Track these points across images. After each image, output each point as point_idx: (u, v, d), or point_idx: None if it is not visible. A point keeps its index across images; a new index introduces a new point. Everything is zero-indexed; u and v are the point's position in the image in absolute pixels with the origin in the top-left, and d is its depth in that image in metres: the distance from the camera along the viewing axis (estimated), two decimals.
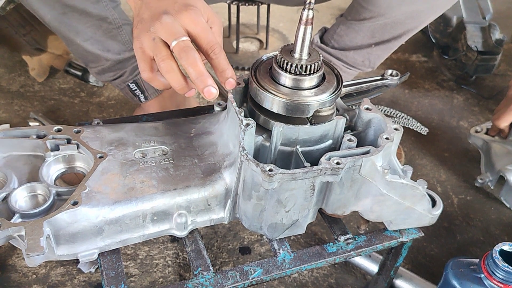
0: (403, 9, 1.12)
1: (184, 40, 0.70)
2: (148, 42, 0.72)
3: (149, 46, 0.72)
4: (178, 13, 0.72)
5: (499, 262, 0.79)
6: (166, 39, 0.71)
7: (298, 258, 0.78)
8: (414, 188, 0.76)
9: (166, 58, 0.70)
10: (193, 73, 0.70)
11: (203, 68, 0.70)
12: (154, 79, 0.76)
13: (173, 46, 0.70)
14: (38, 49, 1.52)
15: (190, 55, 0.69)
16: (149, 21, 0.72)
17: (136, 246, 1.09)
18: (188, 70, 0.70)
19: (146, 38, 0.72)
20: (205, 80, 0.69)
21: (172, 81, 0.71)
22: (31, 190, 0.73)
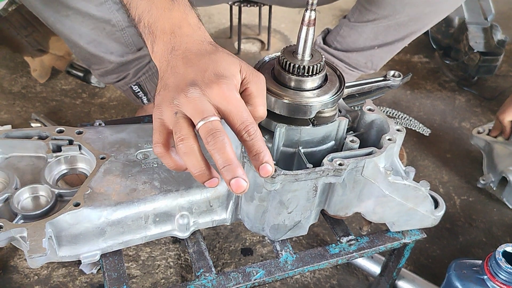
0: (407, 11, 1.11)
1: (212, 121, 0.60)
2: (169, 115, 0.62)
3: (170, 119, 0.62)
4: (207, 86, 0.61)
5: (502, 263, 0.79)
6: (192, 116, 0.61)
7: (301, 260, 0.77)
8: (417, 189, 0.76)
9: (187, 138, 0.60)
10: (220, 160, 0.58)
11: (233, 156, 0.59)
12: (166, 157, 0.64)
13: (199, 126, 0.60)
14: (40, 50, 1.52)
15: (218, 139, 0.59)
16: (173, 91, 0.62)
17: (138, 247, 1.09)
18: (214, 157, 0.59)
19: (167, 110, 0.62)
20: (234, 170, 0.58)
21: (190, 165, 0.60)
22: (33, 192, 0.73)
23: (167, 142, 0.63)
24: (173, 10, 0.69)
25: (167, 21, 0.68)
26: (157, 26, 0.68)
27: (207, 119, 0.59)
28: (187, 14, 0.70)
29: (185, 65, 0.64)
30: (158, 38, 0.68)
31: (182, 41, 0.67)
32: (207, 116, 0.60)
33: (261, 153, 0.60)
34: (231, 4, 1.65)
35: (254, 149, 0.61)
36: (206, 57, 0.65)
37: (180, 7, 0.70)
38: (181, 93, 0.61)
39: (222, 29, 1.97)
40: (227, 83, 0.62)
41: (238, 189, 0.58)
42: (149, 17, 0.69)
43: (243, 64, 0.66)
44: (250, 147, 0.61)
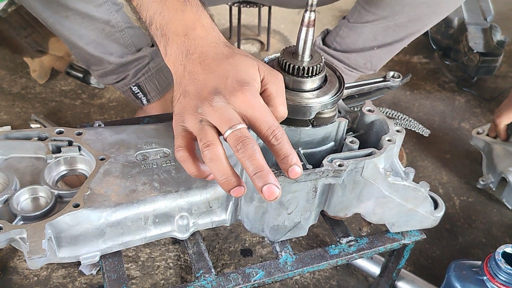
0: (406, 12, 1.12)
1: (240, 128, 0.59)
2: (193, 123, 0.61)
3: (194, 127, 0.62)
4: (232, 94, 0.61)
5: (501, 264, 0.79)
6: (218, 125, 0.60)
7: (300, 261, 0.77)
8: (416, 190, 0.76)
9: (213, 144, 0.59)
10: (251, 167, 0.58)
11: (264, 162, 0.59)
12: (188, 162, 0.63)
13: (227, 135, 0.60)
14: (40, 51, 1.52)
15: (248, 146, 0.58)
16: (195, 99, 0.62)
17: (137, 248, 1.09)
18: (245, 164, 0.59)
19: (191, 118, 0.62)
20: (266, 176, 0.58)
21: (216, 171, 0.60)
22: (33, 193, 0.72)
23: (190, 147, 0.63)
24: (185, 11, 0.68)
25: (180, 23, 0.67)
26: (169, 28, 0.67)
27: (235, 127, 0.59)
28: (200, 15, 0.68)
29: (204, 71, 0.64)
30: (171, 40, 0.67)
31: (197, 44, 0.66)
32: (234, 124, 0.59)
33: (289, 156, 0.60)
34: (231, 5, 1.65)
35: (282, 152, 0.60)
36: (224, 62, 0.64)
37: (193, 8, 0.68)
38: (205, 102, 0.61)
39: (221, 29, 1.95)
40: (250, 90, 0.62)
41: (271, 196, 0.58)
42: (161, 19, 0.68)
43: (260, 64, 0.66)
44: (278, 151, 0.61)
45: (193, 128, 0.62)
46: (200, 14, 0.68)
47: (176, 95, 0.65)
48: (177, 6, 0.68)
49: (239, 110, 0.61)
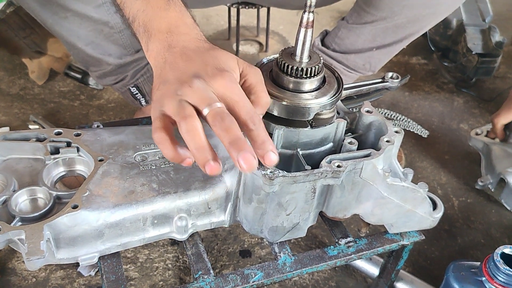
0: (405, 13, 1.12)
1: (220, 107, 0.60)
2: (172, 105, 0.61)
3: (173, 108, 0.61)
4: (211, 78, 0.62)
5: (500, 265, 0.79)
6: (197, 104, 0.60)
7: (299, 262, 0.77)
8: (415, 191, 0.76)
9: (190, 117, 0.59)
10: (227, 138, 0.57)
11: (241, 134, 0.58)
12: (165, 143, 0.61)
13: (206, 112, 0.59)
14: (38, 52, 1.52)
15: (226, 120, 0.58)
16: (175, 84, 0.62)
17: (136, 249, 1.09)
18: (221, 137, 0.58)
19: (169, 101, 0.61)
20: (242, 145, 0.56)
21: (193, 143, 0.58)
22: (31, 194, 0.72)
23: (168, 129, 0.61)
24: (169, 10, 0.69)
25: (163, 20, 0.69)
26: (152, 25, 0.69)
27: (214, 105, 0.59)
28: (183, 14, 0.70)
29: (185, 61, 0.64)
30: (153, 36, 0.68)
31: (179, 39, 0.67)
32: (213, 103, 0.60)
33: (265, 142, 0.60)
34: (230, 6, 1.65)
35: (260, 138, 0.60)
36: (205, 53, 0.66)
37: (176, 8, 0.70)
38: (184, 85, 0.61)
39: (220, 30, 1.97)
40: (229, 75, 0.63)
41: (250, 167, 0.56)
42: (144, 16, 0.69)
43: (239, 59, 0.68)
44: (255, 136, 0.60)
45: (171, 110, 0.61)
46: (183, 13, 0.70)
47: (155, 85, 0.65)
48: (161, 4, 0.69)
49: (218, 93, 0.62)
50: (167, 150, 0.61)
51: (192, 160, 0.62)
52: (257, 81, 0.67)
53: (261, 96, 0.66)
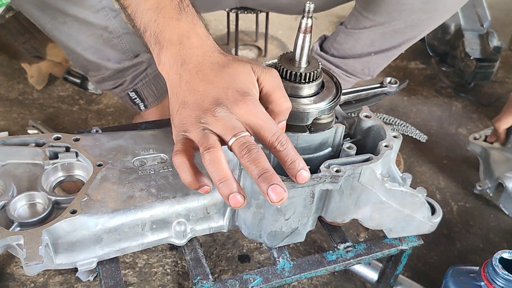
0: (403, 18, 1.12)
1: (245, 135, 0.60)
2: (196, 132, 0.61)
3: (196, 136, 0.61)
4: (234, 104, 0.61)
5: (499, 270, 0.79)
6: (222, 134, 0.61)
7: (298, 266, 0.77)
8: (414, 195, 0.76)
9: (214, 148, 0.59)
10: (256, 170, 0.58)
11: (269, 165, 0.58)
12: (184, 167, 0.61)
13: (231, 142, 0.60)
14: (37, 56, 1.52)
15: (253, 151, 0.58)
16: (196, 110, 0.62)
17: (134, 254, 1.09)
18: (250, 168, 0.58)
19: (193, 128, 0.61)
20: (271, 178, 0.57)
21: (216, 174, 0.58)
22: (30, 199, 0.72)
23: (188, 154, 0.62)
24: (180, 20, 0.68)
25: (175, 31, 0.67)
26: (163, 36, 0.67)
27: (239, 134, 0.60)
28: (195, 24, 0.69)
29: (202, 82, 0.64)
30: (165, 48, 0.67)
31: (192, 54, 0.66)
32: (238, 132, 0.60)
33: (296, 161, 0.60)
34: (228, 11, 1.65)
35: (289, 158, 0.60)
36: (222, 72, 0.64)
37: (188, 17, 0.69)
38: (207, 113, 0.61)
39: (219, 35, 1.98)
40: (252, 100, 0.62)
41: (278, 197, 0.57)
42: (155, 26, 0.68)
43: (254, 65, 0.66)
44: (284, 157, 0.61)
45: (195, 137, 0.62)
46: (195, 23, 0.69)
47: (174, 106, 0.65)
48: (173, 14, 0.68)
49: (242, 120, 0.62)
50: (185, 175, 0.61)
51: (210, 188, 0.63)
52: (274, 87, 0.66)
53: (280, 103, 0.66)
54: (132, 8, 0.70)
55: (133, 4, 0.70)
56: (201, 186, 0.62)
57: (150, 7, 0.68)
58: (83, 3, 1.03)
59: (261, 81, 0.66)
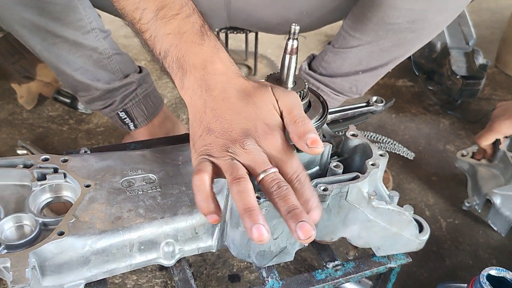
0: (390, 37, 1.14)
1: (274, 172, 0.62)
2: (223, 160, 0.62)
3: (224, 164, 0.62)
4: (262, 138, 0.63)
5: (486, 287, 0.79)
6: (252, 168, 0.62)
7: (287, 286, 0.77)
8: (401, 213, 0.76)
9: (244, 179, 0.60)
10: (285, 207, 0.59)
11: (297, 202, 0.60)
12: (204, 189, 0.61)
13: (261, 177, 0.61)
14: (27, 77, 1.52)
15: (283, 188, 0.60)
16: (223, 138, 0.63)
17: (124, 275, 1.08)
18: (279, 204, 0.60)
19: (220, 156, 0.63)
20: (300, 215, 0.58)
21: (243, 204, 0.59)
22: (17, 221, 0.72)
23: (209, 176, 0.62)
24: (203, 45, 0.68)
25: (198, 56, 0.67)
26: (186, 60, 0.67)
27: (269, 170, 0.61)
28: (218, 49, 0.69)
29: (229, 110, 0.65)
30: (188, 73, 0.67)
31: (217, 80, 0.66)
32: (268, 168, 0.62)
33: (311, 199, 0.62)
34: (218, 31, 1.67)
35: (305, 195, 0.62)
36: (249, 102, 0.65)
37: (211, 42, 0.69)
38: (236, 144, 0.62)
39: None
40: (279, 135, 0.64)
41: (307, 234, 0.57)
42: (177, 51, 0.68)
43: (274, 89, 0.68)
44: (300, 194, 0.62)
45: (221, 165, 0.62)
46: (218, 48, 0.69)
47: (197, 131, 0.66)
48: (195, 39, 0.68)
49: (267, 152, 0.63)
50: (201, 197, 0.62)
51: (219, 220, 0.63)
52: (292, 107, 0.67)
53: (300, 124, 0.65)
54: (151, 33, 0.70)
55: (151, 29, 0.69)
56: (212, 213, 0.62)
57: (171, 32, 0.68)
58: (73, 25, 1.03)
59: (281, 103, 0.67)
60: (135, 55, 1.93)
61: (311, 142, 0.62)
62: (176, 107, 1.67)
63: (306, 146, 0.62)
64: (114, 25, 1.19)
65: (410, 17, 1.09)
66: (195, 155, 0.65)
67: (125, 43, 1.93)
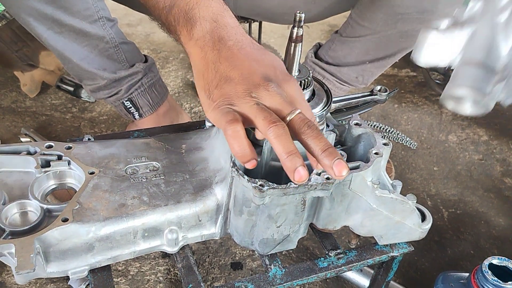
0: (399, 28, 1.13)
1: (301, 112, 0.61)
2: (249, 106, 0.60)
3: (250, 110, 0.60)
4: (284, 82, 0.63)
5: (488, 276, 0.80)
6: (279, 109, 0.61)
7: (290, 274, 0.78)
8: (404, 202, 0.77)
9: (279, 122, 0.59)
10: (318, 146, 0.58)
11: (329, 143, 0.59)
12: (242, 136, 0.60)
13: (290, 118, 0.60)
14: (30, 65, 1.52)
15: (313, 127, 0.59)
16: (245, 84, 0.62)
17: (127, 262, 1.08)
18: (311, 145, 0.59)
19: (244, 102, 0.61)
20: (335, 153, 0.58)
21: (283, 147, 0.58)
22: (21, 207, 0.72)
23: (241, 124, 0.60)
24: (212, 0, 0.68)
25: (207, 9, 0.66)
26: (195, 13, 0.66)
27: (296, 110, 0.60)
28: (225, 8, 0.69)
29: (247, 58, 0.64)
30: (198, 24, 0.66)
31: (230, 32, 0.66)
32: (295, 109, 0.61)
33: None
34: None
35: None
36: (265, 54, 0.66)
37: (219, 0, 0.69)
38: (259, 87, 0.61)
39: None
40: (296, 81, 0.65)
41: (341, 173, 0.57)
42: (184, 4, 0.67)
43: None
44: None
45: (247, 110, 0.61)
46: (225, 7, 0.69)
47: (213, 81, 0.63)
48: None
49: (289, 98, 0.63)
50: (241, 145, 0.60)
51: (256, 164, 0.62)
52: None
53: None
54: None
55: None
56: (252, 158, 0.61)
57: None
58: (80, 14, 1.03)
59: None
60: (138, 44, 1.93)
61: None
62: (179, 96, 1.67)
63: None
64: (117, 14, 1.19)
65: (420, 7, 1.08)
66: (213, 105, 0.63)
67: (129, 31, 1.92)
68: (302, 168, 0.57)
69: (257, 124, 0.60)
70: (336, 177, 0.58)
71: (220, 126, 0.61)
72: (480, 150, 1.53)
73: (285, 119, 0.61)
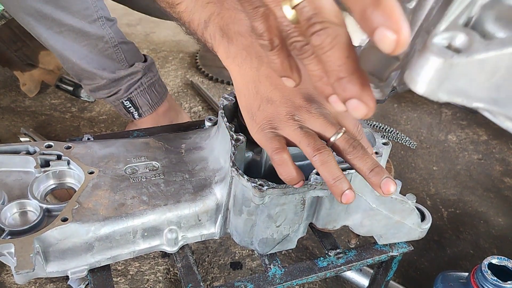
0: None
1: (346, 132, 0.61)
2: (292, 130, 0.61)
3: (294, 134, 0.61)
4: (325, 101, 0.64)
5: (488, 275, 0.80)
6: (323, 131, 0.61)
7: (289, 273, 0.78)
8: (403, 202, 0.77)
9: (324, 149, 0.59)
10: (366, 166, 0.59)
11: (376, 160, 0.60)
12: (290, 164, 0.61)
13: (335, 139, 0.61)
14: (30, 64, 1.52)
15: (359, 148, 0.60)
16: (286, 106, 0.62)
17: (126, 261, 1.08)
18: (358, 165, 0.60)
19: (287, 125, 0.61)
20: (382, 172, 0.58)
21: (329, 174, 0.59)
22: (21, 207, 0.72)
23: (287, 150, 0.61)
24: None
25: (243, 23, 0.65)
26: (230, 28, 0.65)
27: (341, 131, 0.61)
28: None
29: None
30: (235, 40, 0.65)
31: None
32: (340, 129, 0.61)
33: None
34: None
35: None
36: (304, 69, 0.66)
37: None
38: (301, 110, 0.62)
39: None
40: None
41: (390, 190, 0.57)
42: (220, 19, 0.66)
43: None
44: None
45: (291, 135, 0.61)
46: None
47: (254, 103, 0.64)
48: (237, 5, 0.65)
49: (332, 112, 0.63)
50: (290, 172, 0.62)
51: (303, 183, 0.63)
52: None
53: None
54: (186, 4, 0.68)
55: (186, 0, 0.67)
56: (299, 181, 0.63)
57: (210, 0, 0.66)
58: (80, 13, 1.03)
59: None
60: (138, 43, 1.93)
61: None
62: (178, 95, 1.67)
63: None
64: (116, 14, 1.19)
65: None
66: (257, 127, 0.64)
67: (128, 31, 1.92)
68: (349, 191, 0.58)
69: (302, 149, 0.61)
70: (384, 195, 0.58)
71: (267, 151, 0.63)
72: (479, 149, 1.53)
73: (329, 142, 0.61)
